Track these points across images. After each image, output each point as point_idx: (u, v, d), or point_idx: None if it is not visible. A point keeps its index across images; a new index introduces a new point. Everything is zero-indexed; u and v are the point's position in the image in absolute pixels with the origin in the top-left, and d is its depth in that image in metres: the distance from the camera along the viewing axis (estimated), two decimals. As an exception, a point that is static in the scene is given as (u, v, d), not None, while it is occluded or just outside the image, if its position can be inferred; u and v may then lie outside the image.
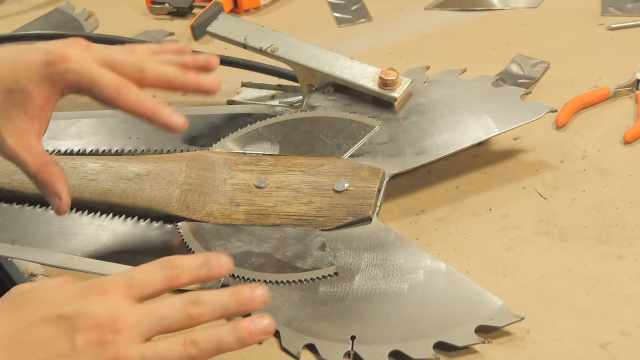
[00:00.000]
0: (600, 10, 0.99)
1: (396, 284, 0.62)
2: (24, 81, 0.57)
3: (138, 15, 1.16)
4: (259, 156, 0.74)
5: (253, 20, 0.93)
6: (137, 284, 0.48)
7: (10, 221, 0.74)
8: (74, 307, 0.46)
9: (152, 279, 0.49)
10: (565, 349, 0.57)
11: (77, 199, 0.72)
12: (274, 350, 0.60)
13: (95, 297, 0.47)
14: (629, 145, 0.76)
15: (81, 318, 0.46)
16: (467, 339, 0.57)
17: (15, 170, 0.76)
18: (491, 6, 1.05)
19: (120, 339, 0.46)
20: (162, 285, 0.49)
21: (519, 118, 0.73)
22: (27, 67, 0.58)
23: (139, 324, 0.46)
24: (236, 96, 0.91)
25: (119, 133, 0.81)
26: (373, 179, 0.69)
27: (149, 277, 0.49)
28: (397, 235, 0.66)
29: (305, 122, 0.76)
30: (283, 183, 0.70)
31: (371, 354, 0.57)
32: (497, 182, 0.74)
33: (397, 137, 0.73)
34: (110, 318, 0.46)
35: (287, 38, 0.81)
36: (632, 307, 0.60)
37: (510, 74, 0.89)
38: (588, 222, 0.68)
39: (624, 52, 0.90)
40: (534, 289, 0.62)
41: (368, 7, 1.09)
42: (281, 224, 0.68)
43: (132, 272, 0.49)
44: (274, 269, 0.64)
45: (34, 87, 0.57)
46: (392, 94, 0.75)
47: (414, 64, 0.88)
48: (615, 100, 0.83)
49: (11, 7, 1.22)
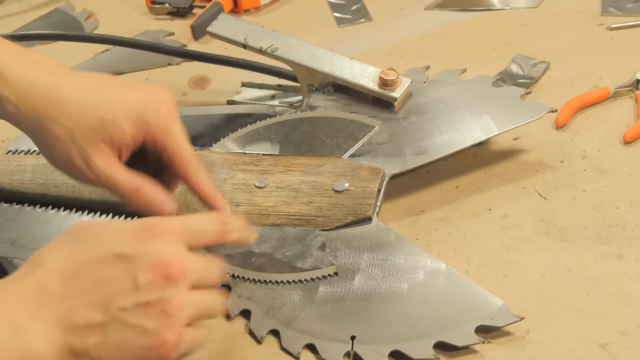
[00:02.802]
0: (600, 10, 0.99)
1: (396, 284, 0.62)
2: (118, 116, 0.58)
3: (138, 15, 1.16)
4: (259, 156, 0.74)
5: (253, 20, 0.93)
6: (194, 233, 0.52)
7: (10, 221, 0.74)
8: (134, 247, 0.49)
9: (207, 231, 0.53)
10: (565, 349, 0.57)
11: (77, 199, 0.72)
12: (274, 350, 0.60)
13: (154, 238, 0.49)
14: (629, 145, 0.76)
15: (141, 258, 0.48)
16: (467, 339, 0.57)
17: (16, 170, 0.76)
18: (491, 6, 1.05)
19: (176, 281, 0.48)
20: (214, 238, 0.53)
21: (519, 118, 0.73)
22: (124, 106, 0.58)
23: (193, 272, 0.49)
24: (236, 96, 0.91)
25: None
26: (373, 179, 0.69)
27: (205, 229, 0.53)
28: (397, 235, 0.66)
29: (305, 122, 0.76)
30: (283, 183, 0.70)
31: (371, 354, 0.57)
32: (497, 182, 0.74)
33: (397, 137, 0.73)
34: (167, 261, 0.49)
35: (287, 38, 0.81)
36: (632, 307, 0.60)
37: (510, 74, 0.89)
38: (588, 222, 0.68)
39: (624, 52, 0.90)
40: (534, 289, 0.62)
41: (368, 7, 1.09)
42: (281, 224, 0.68)
43: (189, 220, 0.53)
44: (274, 269, 0.64)
45: (127, 126, 0.58)
46: (392, 94, 0.75)
47: (414, 64, 0.88)
48: (615, 100, 0.83)
49: (11, 7, 1.22)
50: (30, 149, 0.80)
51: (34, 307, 0.47)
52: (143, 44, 0.91)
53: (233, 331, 0.62)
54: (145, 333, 0.47)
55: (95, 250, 0.49)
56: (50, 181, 0.74)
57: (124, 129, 0.58)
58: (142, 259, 0.48)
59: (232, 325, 0.62)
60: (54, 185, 0.74)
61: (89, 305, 0.47)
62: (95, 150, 0.58)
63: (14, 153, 0.81)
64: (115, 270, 0.48)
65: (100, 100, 0.58)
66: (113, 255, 0.48)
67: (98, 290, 0.48)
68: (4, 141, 0.88)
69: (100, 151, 0.58)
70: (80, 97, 0.58)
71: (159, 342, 0.47)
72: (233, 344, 0.61)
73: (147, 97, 0.59)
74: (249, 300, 0.63)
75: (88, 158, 0.58)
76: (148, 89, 0.60)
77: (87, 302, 0.47)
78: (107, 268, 0.48)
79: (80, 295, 0.47)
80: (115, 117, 0.58)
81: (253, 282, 0.64)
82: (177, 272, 0.48)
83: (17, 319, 0.46)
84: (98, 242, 0.50)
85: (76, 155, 0.58)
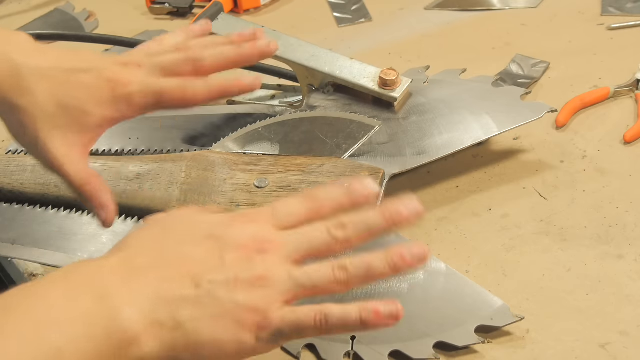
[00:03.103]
0: (600, 10, 1.00)
1: (396, 284, 0.62)
2: (83, 101, 0.57)
3: (138, 15, 1.16)
4: (259, 156, 0.74)
5: (253, 20, 0.93)
6: (281, 215, 0.49)
7: (10, 221, 0.74)
8: (221, 231, 0.48)
9: (295, 209, 0.50)
10: (565, 349, 0.57)
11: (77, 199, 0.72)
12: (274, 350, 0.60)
13: (240, 224, 0.49)
14: (629, 145, 0.76)
15: (229, 238, 0.47)
16: (467, 339, 0.57)
17: (16, 170, 0.76)
18: (491, 6, 1.05)
19: (268, 257, 0.47)
20: (305, 215, 0.50)
21: (519, 118, 0.73)
22: (87, 90, 0.57)
23: (285, 245, 0.47)
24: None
25: (119, 133, 0.81)
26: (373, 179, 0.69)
27: (292, 210, 0.50)
28: (397, 235, 0.66)
29: (305, 122, 0.76)
30: (283, 183, 0.70)
31: (371, 354, 0.57)
32: (497, 182, 0.74)
33: (397, 137, 0.73)
34: (257, 239, 0.47)
35: (287, 38, 0.81)
36: (632, 307, 0.60)
37: (510, 74, 0.89)
38: (588, 222, 0.68)
39: (624, 52, 0.90)
40: (534, 289, 0.62)
41: (368, 7, 1.09)
42: (281, 224, 0.68)
43: (275, 204, 0.50)
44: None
45: (94, 109, 0.57)
46: (392, 94, 0.75)
47: (414, 64, 0.88)
48: (615, 100, 0.83)
49: (11, 7, 1.22)
50: (30, 149, 0.80)
51: (122, 277, 0.45)
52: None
53: (233, 331, 0.62)
54: (236, 306, 0.45)
55: (186, 233, 0.48)
56: (50, 181, 0.74)
57: (91, 113, 0.57)
58: (228, 239, 0.47)
59: (232, 325, 0.62)
60: (54, 185, 0.74)
61: (180, 279, 0.46)
62: (56, 139, 0.57)
63: (14, 153, 0.81)
64: (205, 249, 0.47)
65: (63, 88, 0.57)
66: (202, 237, 0.48)
67: (188, 266, 0.46)
68: (4, 141, 0.88)
69: (61, 140, 0.58)
70: (43, 84, 0.57)
71: (249, 315, 0.45)
72: (233, 344, 0.60)
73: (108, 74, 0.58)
74: (249, 300, 0.63)
75: (46, 147, 0.57)
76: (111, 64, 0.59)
77: (178, 276, 0.46)
78: (197, 248, 0.47)
79: (170, 268, 0.46)
80: (81, 103, 0.57)
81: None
82: (260, 249, 0.47)
83: (105, 288, 0.44)
84: (188, 226, 0.49)
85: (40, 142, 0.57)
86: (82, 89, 0.57)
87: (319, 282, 0.47)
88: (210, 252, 0.47)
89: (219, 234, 0.48)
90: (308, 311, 0.46)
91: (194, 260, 0.47)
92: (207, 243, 0.47)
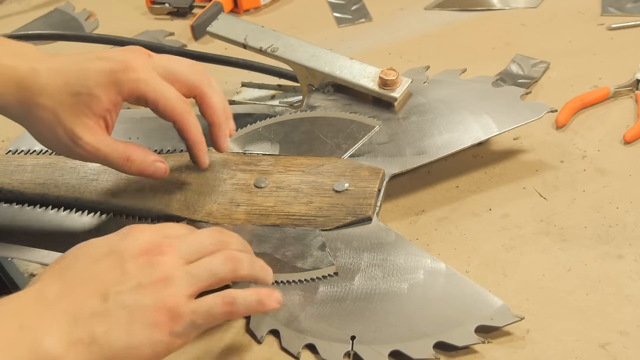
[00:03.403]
0: (600, 10, 1.00)
1: (396, 284, 0.62)
2: (91, 86, 0.60)
3: (138, 15, 1.16)
4: (259, 156, 0.74)
5: (253, 20, 0.93)
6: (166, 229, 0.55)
7: (10, 221, 0.74)
8: (118, 244, 0.52)
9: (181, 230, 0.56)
10: (565, 349, 0.57)
11: (77, 199, 0.72)
12: (274, 350, 0.60)
13: (135, 233, 0.52)
14: (629, 145, 0.76)
15: (127, 249, 0.51)
16: (467, 339, 0.57)
17: (16, 170, 0.76)
18: (491, 6, 1.05)
19: (166, 259, 0.51)
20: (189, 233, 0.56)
21: (519, 118, 0.73)
22: (94, 73, 0.61)
23: (179, 247, 0.52)
24: (236, 96, 0.91)
25: (119, 133, 0.81)
26: (373, 179, 0.69)
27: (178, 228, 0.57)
28: (397, 235, 0.66)
29: (305, 122, 0.76)
30: (283, 183, 0.70)
31: (371, 354, 0.57)
32: (497, 182, 0.74)
33: (397, 137, 0.73)
34: (153, 244, 0.51)
35: (287, 38, 0.81)
36: (632, 307, 0.60)
37: (510, 74, 0.89)
38: (588, 222, 0.68)
39: (624, 52, 0.90)
40: (534, 289, 0.62)
41: (368, 7, 1.09)
42: (281, 224, 0.68)
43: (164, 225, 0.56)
44: (274, 269, 0.64)
45: (101, 92, 0.60)
46: (392, 94, 0.75)
47: (414, 64, 0.88)
48: (615, 100, 0.83)
49: (11, 7, 1.22)
50: (30, 149, 0.80)
51: (36, 311, 0.48)
52: (143, 44, 0.91)
53: (233, 331, 0.62)
54: (145, 309, 0.49)
55: (85, 255, 0.51)
56: (50, 181, 0.74)
57: (99, 97, 0.60)
58: (127, 250, 0.51)
59: (232, 325, 0.62)
60: (54, 185, 0.74)
61: (89, 297, 0.49)
62: (79, 126, 0.60)
63: (14, 153, 0.81)
64: (105, 264, 0.50)
65: (74, 77, 0.61)
66: (103, 254, 0.51)
67: (93, 283, 0.49)
68: (4, 141, 0.88)
69: (85, 126, 0.60)
70: (57, 78, 0.60)
71: (160, 315, 0.49)
72: (233, 344, 0.61)
73: (116, 57, 0.62)
74: (249, 300, 0.63)
75: (74, 135, 0.61)
76: (119, 51, 0.63)
77: (86, 294, 0.49)
78: (98, 264, 0.50)
79: (78, 290, 0.49)
80: (90, 88, 0.60)
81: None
82: (159, 253, 0.51)
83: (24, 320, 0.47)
84: (86, 249, 0.52)
85: (63, 135, 0.61)
86: (91, 75, 0.61)
87: (217, 271, 0.52)
88: (111, 266, 0.50)
89: (117, 248, 0.51)
90: (215, 298, 0.51)
91: (98, 277, 0.50)
92: (107, 259, 0.51)
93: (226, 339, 0.61)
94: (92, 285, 0.49)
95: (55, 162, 0.76)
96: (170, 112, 0.63)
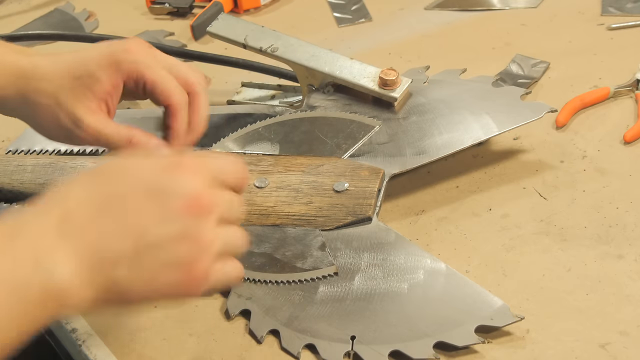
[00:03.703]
0: (600, 10, 0.99)
1: (396, 284, 0.62)
2: (92, 68, 0.61)
3: (138, 15, 1.16)
4: (259, 156, 0.74)
5: (253, 20, 0.93)
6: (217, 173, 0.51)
7: (10, 221, 0.74)
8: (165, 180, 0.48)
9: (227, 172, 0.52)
10: (565, 349, 0.57)
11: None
12: (274, 350, 0.60)
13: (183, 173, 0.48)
14: (629, 145, 0.76)
15: (174, 190, 0.47)
16: (467, 339, 0.57)
17: (16, 170, 0.76)
18: (491, 6, 1.05)
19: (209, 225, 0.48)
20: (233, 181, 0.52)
21: (519, 118, 0.73)
22: (95, 57, 0.61)
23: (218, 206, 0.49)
24: (236, 96, 0.91)
25: (119, 133, 0.81)
26: (373, 179, 0.69)
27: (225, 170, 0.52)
28: (397, 235, 0.66)
29: (305, 122, 0.76)
30: (283, 183, 0.70)
31: (371, 354, 0.57)
32: (497, 182, 0.74)
33: (397, 137, 0.73)
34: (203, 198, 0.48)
35: (287, 38, 0.81)
36: (632, 307, 0.60)
37: (510, 74, 0.89)
38: (588, 222, 0.68)
39: (624, 52, 0.90)
40: (534, 289, 0.62)
41: (368, 7, 1.09)
42: (281, 224, 0.68)
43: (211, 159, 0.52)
44: (274, 269, 0.64)
45: (102, 73, 0.61)
46: (392, 94, 0.75)
47: (414, 64, 0.88)
48: (615, 100, 0.83)
49: (11, 7, 1.22)
50: (30, 149, 0.80)
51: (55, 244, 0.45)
52: (143, 44, 0.91)
53: (233, 331, 0.62)
54: (175, 265, 0.47)
55: (126, 182, 0.48)
56: (50, 181, 0.74)
57: (100, 78, 0.60)
58: (174, 192, 0.47)
59: (232, 325, 0.62)
60: (54, 185, 0.73)
61: (120, 235, 0.46)
62: (81, 109, 0.60)
63: (14, 153, 0.81)
64: (147, 201, 0.47)
65: (75, 63, 0.61)
66: (144, 188, 0.47)
67: (129, 220, 0.46)
68: (4, 141, 0.88)
69: (86, 109, 0.61)
70: (58, 65, 0.61)
71: (188, 274, 0.47)
72: (233, 344, 0.61)
73: (117, 42, 0.62)
74: (249, 300, 0.63)
75: (76, 119, 0.60)
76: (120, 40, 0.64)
77: (117, 232, 0.46)
78: (139, 199, 0.47)
79: (110, 223, 0.46)
80: (90, 71, 0.61)
81: (253, 282, 0.64)
82: (208, 205, 0.48)
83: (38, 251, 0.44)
84: (127, 175, 0.48)
85: (64, 119, 0.61)
86: (92, 59, 0.61)
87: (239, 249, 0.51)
88: (153, 204, 0.47)
89: (163, 186, 0.47)
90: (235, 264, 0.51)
91: (136, 213, 0.47)
92: (150, 195, 0.47)
93: (226, 339, 0.61)
94: (128, 220, 0.46)
95: (55, 162, 0.76)
96: (166, 96, 0.62)
